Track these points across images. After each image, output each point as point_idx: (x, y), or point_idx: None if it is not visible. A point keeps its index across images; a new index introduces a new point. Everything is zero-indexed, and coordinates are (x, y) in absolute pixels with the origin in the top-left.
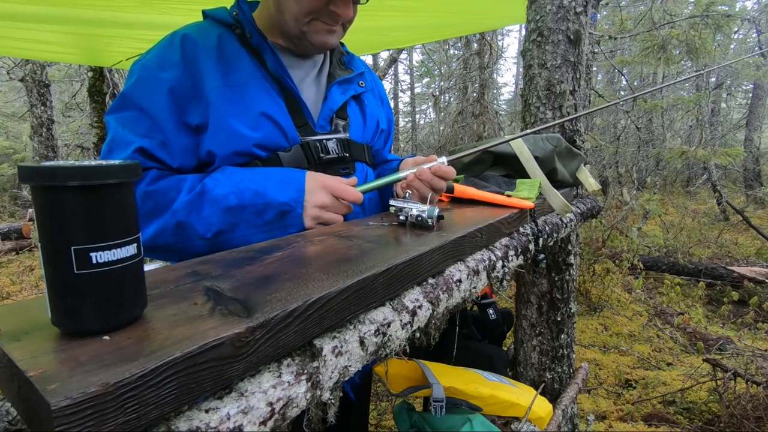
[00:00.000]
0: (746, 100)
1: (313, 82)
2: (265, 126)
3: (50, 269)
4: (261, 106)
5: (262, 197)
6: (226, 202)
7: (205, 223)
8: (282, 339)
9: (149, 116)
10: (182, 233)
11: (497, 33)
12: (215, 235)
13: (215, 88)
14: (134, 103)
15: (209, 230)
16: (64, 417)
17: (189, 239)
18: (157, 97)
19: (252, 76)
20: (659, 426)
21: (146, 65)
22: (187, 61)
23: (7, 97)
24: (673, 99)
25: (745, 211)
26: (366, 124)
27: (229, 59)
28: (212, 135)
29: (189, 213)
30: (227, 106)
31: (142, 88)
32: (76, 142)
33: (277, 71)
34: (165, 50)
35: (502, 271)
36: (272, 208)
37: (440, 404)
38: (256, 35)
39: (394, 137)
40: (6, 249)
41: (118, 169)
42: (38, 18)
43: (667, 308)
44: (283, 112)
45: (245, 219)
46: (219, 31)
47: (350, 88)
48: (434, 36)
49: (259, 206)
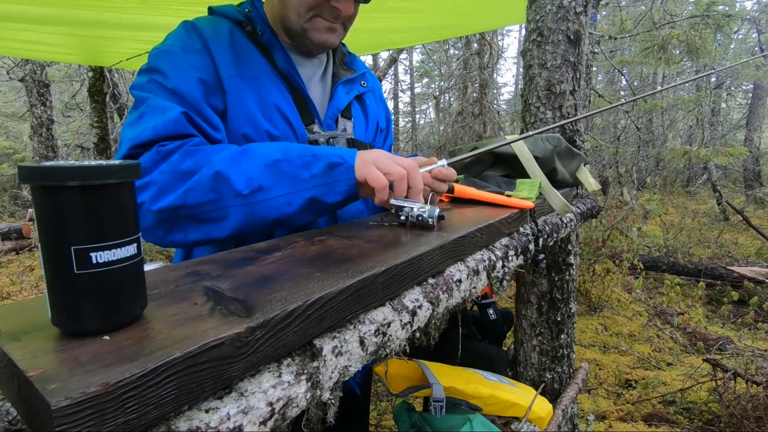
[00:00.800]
0: (746, 100)
1: (319, 82)
2: (277, 119)
3: (50, 269)
4: (273, 100)
5: (310, 150)
6: (272, 155)
7: (244, 176)
8: (282, 339)
9: (181, 96)
10: (217, 188)
11: (497, 33)
12: (253, 192)
13: (229, 77)
14: (162, 84)
15: (249, 185)
16: (64, 417)
17: (223, 198)
18: (186, 77)
19: (263, 72)
20: (659, 426)
21: (169, 51)
22: (206, 49)
23: (7, 97)
24: (673, 99)
25: (745, 211)
26: (368, 124)
27: (241, 53)
28: (230, 122)
29: (229, 165)
30: (243, 94)
31: (168, 70)
32: (76, 142)
33: (287, 69)
34: (184, 37)
35: (502, 271)
36: (321, 159)
37: (440, 404)
38: (268, 32)
39: (394, 137)
40: (6, 249)
41: (117, 169)
42: (39, 19)
43: (667, 308)
44: (292, 108)
45: (290, 173)
46: (229, 26)
47: (354, 88)
48: (434, 36)
49: (306, 158)
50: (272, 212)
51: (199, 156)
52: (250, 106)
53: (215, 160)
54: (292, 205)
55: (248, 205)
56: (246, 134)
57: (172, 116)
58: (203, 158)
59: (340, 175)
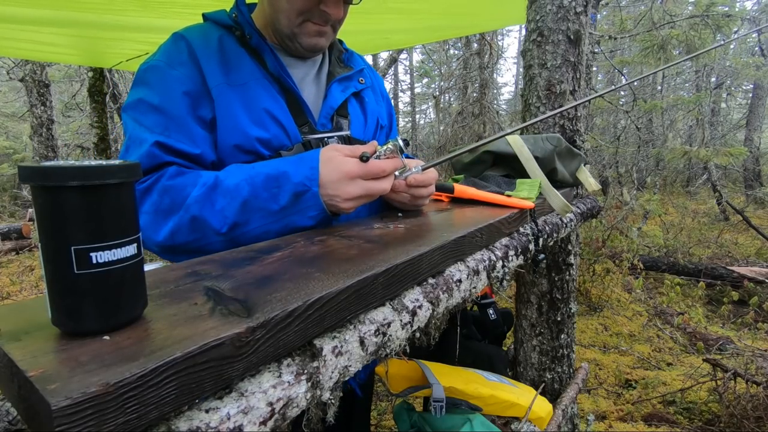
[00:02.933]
0: (746, 100)
1: (313, 81)
2: (268, 123)
3: (50, 269)
4: (263, 104)
5: (275, 180)
6: (239, 192)
7: (219, 216)
8: (282, 339)
9: (164, 113)
10: (198, 229)
11: (497, 33)
12: (231, 229)
13: (218, 86)
14: (147, 102)
15: (224, 224)
16: (65, 417)
17: (205, 236)
18: (171, 93)
19: (253, 77)
20: (659, 426)
21: (156, 65)
22: (193, 60)
23: (7, 97)
24: (673, 99)
25: (745, 211)
26: (367, 122)
27: (230, 59)
28: (220, 131)
29: (203, 207)
30: (231, 102)
31: (154, 86)
32: (76, 142)
33: (277, 71)
34: (171, 50)
35: (502, 271)
36: (286, 191)
37: (440, 404)
38: (255, 36)
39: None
40: (6, 249)
41: (117, 169)
42: (40, 21)
43: (667, 308)
44: (284, 111)
45: (260, 207)
46: (219, 33)
47: (350, 85)
48: (434, 37)
49: (273, 191)
50: (254, 240)
51: (175, 193)
52: (239, 115)
53: (189, 203)
54: (270, 233)
55: (230, 240)
56: (237, 145)
57: (145, 150)
58: (179, 196)
59: (307, 202)
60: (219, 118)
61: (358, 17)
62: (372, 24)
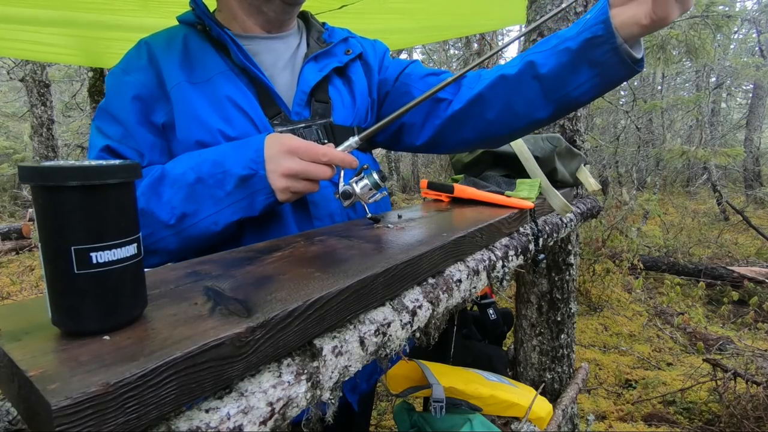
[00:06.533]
0: (746, 100)
1: (287, 66)
2: (232, 116)
3: (50, 269)
4: (226, 96)
5: (220, 165)
6: (185, 180)
7: (166, 207)
8: (282, 339)
9: (116, 119)
10: (146, 224)
11: (497, 33)
12: (179, 220)
13: (176, 85)
14: (104, 109)
15: (172, 215)
16: (65, 417)
17: (155, 230)
18: (121, 99)
19: (217, 70)
20: (659, 426)
21: (113, 72)
22: (152, 64)
23: (7, 97)
24: (673, 99)
25: (745, 211)
26: (356, 102)
27: (193, 57)
28: (179, 130)
29: (149, 199)
30: (190, 99)
31: (110, 94)
32: (76, 142)
33: (241, 61)
34: (132, 56)
35: (502, 271)
36: (231, 175)
37: (440, 404)
38: (214, 27)
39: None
40: (6, 249)
41: (118, 169)
42: (40, 21)
43: (667, 308)
44: (251, 103)
45: (208, 195)
46: (185, 32)
47: (330, 61)
48: (435, 37)
49: (218, 176)
50: (204, 232)
51: None
52: (201, 110)
53: (136, 196)
54: (219, 224)
55: (179, 233)
56: (200, 140)
57: (94, 156)
58: None
59: (255, 185)
60: (177, 117)
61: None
62: (372, 24)
